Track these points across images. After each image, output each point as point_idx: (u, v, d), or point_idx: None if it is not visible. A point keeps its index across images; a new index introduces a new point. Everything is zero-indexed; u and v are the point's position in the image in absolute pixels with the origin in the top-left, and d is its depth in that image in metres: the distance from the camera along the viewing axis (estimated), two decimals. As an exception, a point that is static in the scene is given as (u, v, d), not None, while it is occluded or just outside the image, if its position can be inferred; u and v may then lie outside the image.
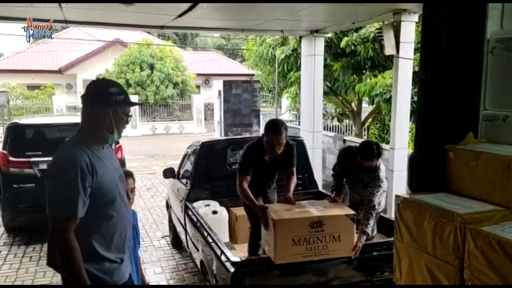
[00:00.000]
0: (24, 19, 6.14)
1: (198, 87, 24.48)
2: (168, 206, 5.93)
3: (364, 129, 11.68)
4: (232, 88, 12.43)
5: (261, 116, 14.03)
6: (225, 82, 12.71)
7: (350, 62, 9.02)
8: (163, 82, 20.53)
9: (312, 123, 7.75)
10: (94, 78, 23.07)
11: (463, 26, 2.23)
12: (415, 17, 5.69)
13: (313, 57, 7.54)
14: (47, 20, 6.40)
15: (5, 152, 5.74)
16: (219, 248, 3.29)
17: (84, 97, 2.18)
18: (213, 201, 4.68)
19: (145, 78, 20.16)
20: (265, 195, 3.93)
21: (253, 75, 16.88)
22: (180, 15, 5.57)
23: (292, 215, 3.06)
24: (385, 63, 8.78)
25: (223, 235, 4.27)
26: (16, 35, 12.22)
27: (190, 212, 4.40)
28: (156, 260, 5.26)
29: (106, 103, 2.12)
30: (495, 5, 2.23)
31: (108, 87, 2.17)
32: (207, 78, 25.61)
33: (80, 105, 2.26)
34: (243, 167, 3.69)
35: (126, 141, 9.81)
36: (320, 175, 7.39)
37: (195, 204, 4.52)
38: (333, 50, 9.17)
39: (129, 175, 2.49)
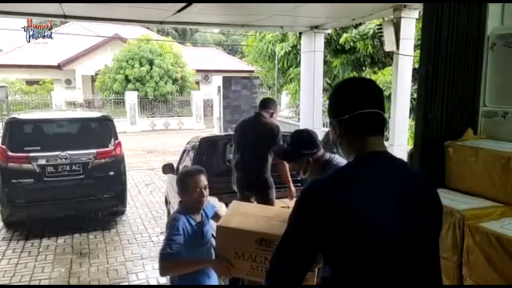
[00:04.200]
0: (22, 14, 6.12)
1: (197, 83, 24.43)
2: (167, 202, 5.93)
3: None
4: (231, 84, 12.41)
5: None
6: (224, 78, 12.69)
7: (350, 59, 9.03)
8: (163, 78, 20.49)
9: (311, 119, 7.74)
10: (93, 73, 23.12)
11: (463, 22, 2.22)
12: (416, 14, 5.68)
13: (313, 53, 7.52)
14: (46, 15, 6.38)
15: (3, 147, 5.73)
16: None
17: None
18: (212, 197, 4.67)
19: (145, 73, 20.12)
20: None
21: (252, 71, 16.87)
22: (179, 11, 5.55)
23: (240, 224, 2.43)
24: (385, 60, 8.78)
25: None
26: (15, 29, 12.19)
27: (189, 208, 4.40)
28: (155, 256, 5.26)
29: None
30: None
31: None
32: (206, 74, 25.56)
33: (79, 100, 2.24)
34: None
35: (125, 137, 9.82)
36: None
37: (194, 200, 4.51)
38: (332, 47, 9.18)
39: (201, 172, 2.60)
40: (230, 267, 2.32)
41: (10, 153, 5.69)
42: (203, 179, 2.55)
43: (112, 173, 6.15)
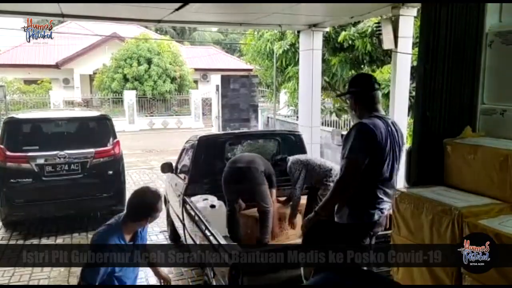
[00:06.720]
0: (19, 13, 6.10)
1: (196, 82, 24.40)
2: (166, 201, 5.92)
3: (362, 124, 11.66)
4: (230, 83, 12.40)
5: (259, 111, 14.02)
6: (223, 77, 12.69)
7: (348, 57, 9.01)
8: (161, 77, 20.45)
9: (310, 118, 7.74)
10: (91, 72, 23.08)
11: (461, 20, 2.22)
12: (414, 11, 5.67)
13: (311, 52, 7.51)
14: (44, 14, 6.37)
15: (2, 146, 5.71)
16: (217, 241, 3.29)
17: None
18: (211, 196, 4.68)
19: (143, 72, 20.08)
20: None
21: (251, 70, 16.84)
22: (177, 9, 5.54)
23: None
24: (384, 58, 8.77)
25: (221, 229, 4.27)
26: (13, 29, 12.15)
27: (188, 207, 4.40)
28: (154, 254, 5.26)
29: None
30: (494, -1, 2.22)
31: None
32: (205, 73, 25.52)
33: (77, 99, 2.25)
34: None
35: (123, 136, 9.80)
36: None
37: (193, 199, 4.51)
38: (331, 45, 9.15)
39: None
40: None
41: (8, 153, 5.68)
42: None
43: (110, 172, 6.14)
